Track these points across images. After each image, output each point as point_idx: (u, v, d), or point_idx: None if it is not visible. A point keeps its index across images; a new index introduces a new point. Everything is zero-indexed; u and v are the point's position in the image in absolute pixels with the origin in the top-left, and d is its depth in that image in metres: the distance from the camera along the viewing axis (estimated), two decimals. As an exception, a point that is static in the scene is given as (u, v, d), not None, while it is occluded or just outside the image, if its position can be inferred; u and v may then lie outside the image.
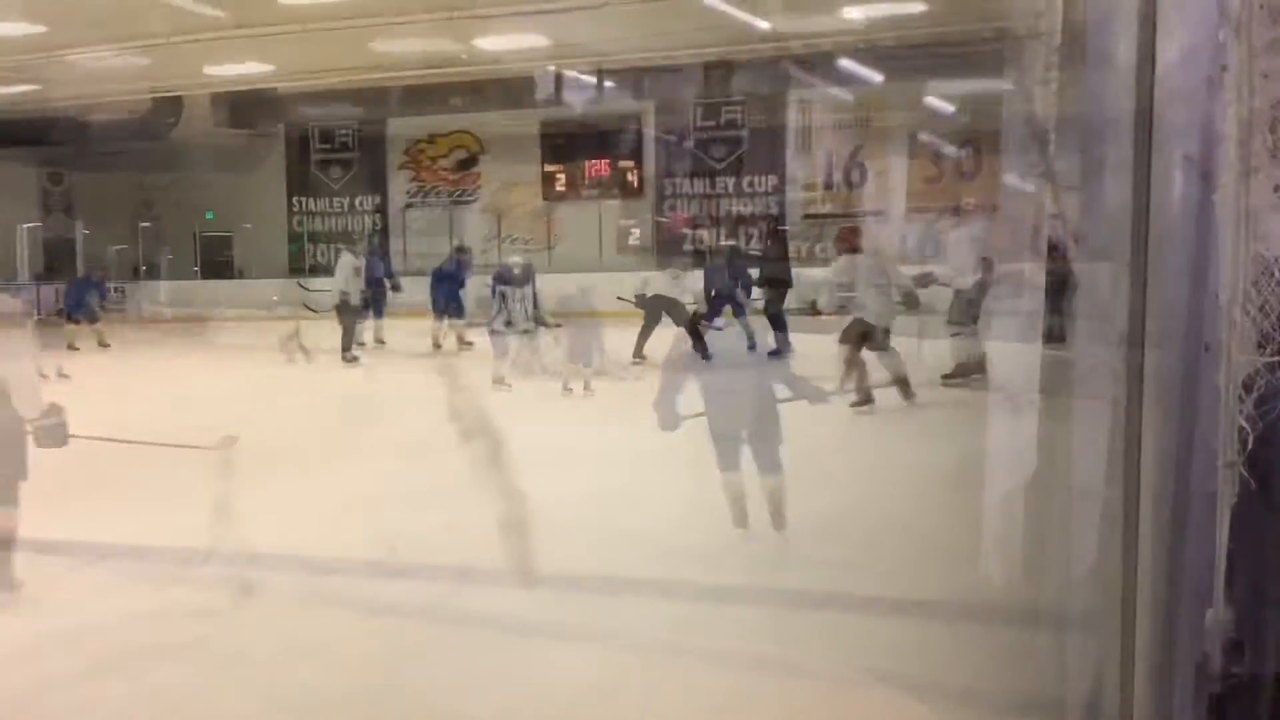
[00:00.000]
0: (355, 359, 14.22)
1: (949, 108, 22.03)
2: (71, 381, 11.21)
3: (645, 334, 13.82)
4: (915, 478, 6.96)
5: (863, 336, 9.41)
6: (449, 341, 15.47)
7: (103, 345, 17.69)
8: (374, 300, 15.97)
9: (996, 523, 4.14)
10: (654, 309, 14.09)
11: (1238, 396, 2.14)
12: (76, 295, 18.26)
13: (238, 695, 3.86)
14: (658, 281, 14.57)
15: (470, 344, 15.19)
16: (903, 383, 9.42)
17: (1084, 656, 1.47)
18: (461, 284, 15.86)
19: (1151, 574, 1.43)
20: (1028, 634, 3.21)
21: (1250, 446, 2.19)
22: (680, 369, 6.51)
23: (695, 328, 13.36)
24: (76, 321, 17.79)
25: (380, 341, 15.99)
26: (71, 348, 17.00)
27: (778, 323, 13.67)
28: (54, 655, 4.38)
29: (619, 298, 15.15)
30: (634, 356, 13.45)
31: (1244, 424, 2.12)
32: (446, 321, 15.58)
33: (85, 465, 8.13)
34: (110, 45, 18.10)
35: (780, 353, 13.39)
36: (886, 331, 9.55)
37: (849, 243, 10.48)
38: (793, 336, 12.70)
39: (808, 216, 23.07)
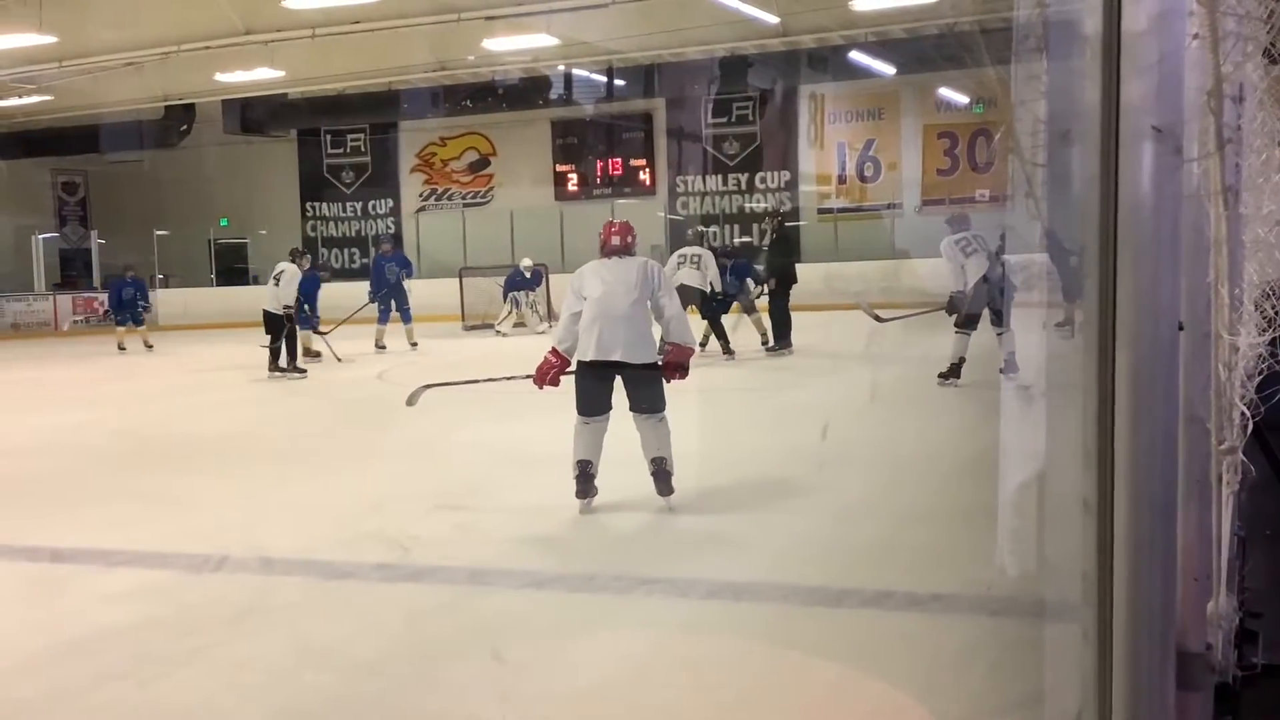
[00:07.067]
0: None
1: (962, 99, 21.95)
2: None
3: None
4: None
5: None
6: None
7: (147, 347, 17.94)
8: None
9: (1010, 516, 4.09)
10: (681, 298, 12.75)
11: (1240, 381, 2.10)
12: (116, 296, 18.45)
13: (250, 701, 3.85)
14: (683, 268, 12.67)
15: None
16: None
17: (1079, 651, 1.43)
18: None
19: (1131, 565, 1.38)
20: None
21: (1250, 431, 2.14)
22: None
23: (719, 324, 13.10)
24: (121, 323, 18.15)
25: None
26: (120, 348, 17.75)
27: (782, 319, 13.53)
28: (64, 664, 4.38)
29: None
30: None
31: (1244, 409, 2.08)
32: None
33: (95, 470, 8.17)
34: (121, 54, 18.22)
35: (779, 349, 13.26)
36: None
37: None
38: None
39: (822, 211, 23.01)
